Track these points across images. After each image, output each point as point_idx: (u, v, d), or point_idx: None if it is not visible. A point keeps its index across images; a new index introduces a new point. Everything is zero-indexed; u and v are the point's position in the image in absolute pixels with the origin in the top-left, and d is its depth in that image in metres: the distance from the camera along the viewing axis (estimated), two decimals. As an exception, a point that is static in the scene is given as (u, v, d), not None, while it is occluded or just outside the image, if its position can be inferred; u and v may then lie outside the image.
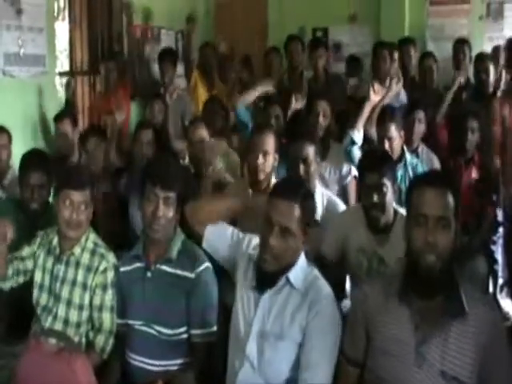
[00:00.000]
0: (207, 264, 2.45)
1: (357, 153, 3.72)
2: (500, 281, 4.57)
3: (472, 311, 1.88)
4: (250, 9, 6.73)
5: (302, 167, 3.09)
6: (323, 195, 3.18)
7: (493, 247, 4.42)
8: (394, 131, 3.60)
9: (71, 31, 5.40)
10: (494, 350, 1.87)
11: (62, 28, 5.48)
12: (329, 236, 2.94)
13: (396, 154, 3.57)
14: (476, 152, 4.13)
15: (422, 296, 1.92)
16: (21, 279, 2.70)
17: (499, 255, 4.50)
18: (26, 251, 2.70)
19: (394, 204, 2.81)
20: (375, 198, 2.69)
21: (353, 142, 3.75)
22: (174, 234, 2.51)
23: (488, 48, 5.56)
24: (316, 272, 2.23)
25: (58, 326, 2.57)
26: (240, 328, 2.21)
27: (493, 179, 4.10)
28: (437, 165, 4.00)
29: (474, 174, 4.01)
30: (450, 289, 1.90)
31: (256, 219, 2.32)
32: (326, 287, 2.18)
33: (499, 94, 4.61)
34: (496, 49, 5.37)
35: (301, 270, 2.18)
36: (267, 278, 2.17)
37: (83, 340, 2.58)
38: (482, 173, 4.08)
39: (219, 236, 2.40)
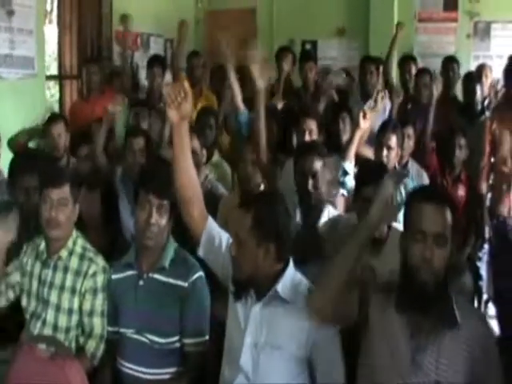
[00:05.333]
0: (200, 273, 2.44)
1: (351, 183, 3.70)
2: (484, 297, 4.63)
3: (464, 323, 1.91)
4: (240, 20, 6.76)
5: (310, 182, 3.02)
6: (330, 213, 3.15)
7: (478, 263, 4.48)
8: (394, 142, 3.62)
9: (60, 35, 5.37)
10: (485, 362, 1.90)
11: (50, 31, 5.46)
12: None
13: (391, 166, 3.57)
14: (463, 169, 4.19)
15: (417, 309, 1.93)
16: (11, 294, 2.66)
17: (484, 271, 4.55)
18: (12, 266, 2.66)
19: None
20: None
21: (345, 173, 3.73)
22: (167, 242, 2.50)
23: (474, 66, 5.64)
24: (305, 282, 2.21)
25: (47, 332, 2.53)
26: (233, 339, 2.20)
27: (479, 197, 4.15)
28: (426, 180, 4.02)
29: (461, 191, 4.05)
30: (443, 302, 1.92)
31: None
32: None
33: (488, 113, 4.66)
34: (481, 67, 5.44)
35: (289, 281, 2.16)
36: (240, 285, 2.17)
37: (73, 345, 2.55)
38: (469, 190, 4.13)
39: (214, 244, 2.38)
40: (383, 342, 1.95)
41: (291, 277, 2.17)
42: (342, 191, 3.70)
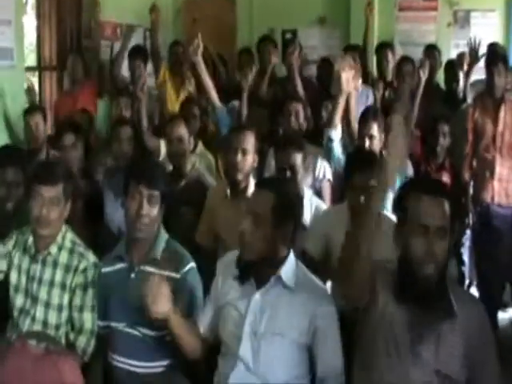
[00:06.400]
0: (192, 264, 2.43)
1: (337, 150, 3.71)
2: (466, 282, 4.70)
3: (461, 312, 1.92)
4: (219, 8, 6.71)
5: (288, 175, 3.06)
6: (311, 202, 3.17)
7: (461, 249, 4.54)
8: (376, 130, 3.62)
9: (39, 26, 5.29)
10: (482, 349, 1.93)
11: (29, 22, 5.37)
12: (312, 234, 2.93)
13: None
14: (447, 156, 4.23)
15: (418, 302, 1.94)
16: None
17: (466, 257, 4.61)
18: None
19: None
20: (362, 199, 2.68)
21: (330, 140, 3.73)
22: (158, 233, 2.47)
23: (454, 55, 5.67)
24: (305, 269, 2.23)
25: (37, 328, 2.49)
26: (230, 332, 2.19)
27: (463, 184, 4.20)
28: (411, 168, 4.05)
29: (445, 178, 4.09)
30: (441, 292, 1.94)
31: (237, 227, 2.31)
32: (321, 285, 2.21)
33: (469, 100, 4.70)
34: (461, 55, 5.48)
35: (291, 267, 2.17)
36: (246, 268, 2.17)
37: (63, 342, 2.51)
38: (453, 177, 4.17)
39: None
40: (380, 330, 1.96)
41: (293, 263, 2.19)
42: (328, 176, 3.71)
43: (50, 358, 2.11)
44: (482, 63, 4.67)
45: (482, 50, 4.94)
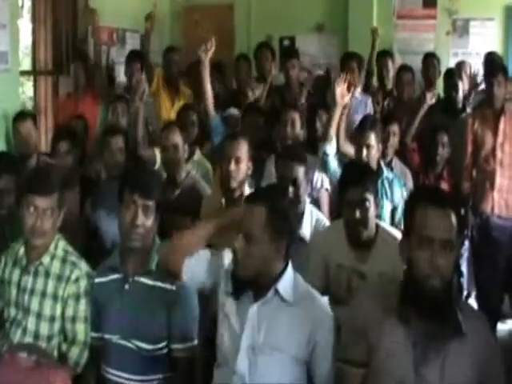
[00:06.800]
0: (188, 275, 2.36)
1: (333, 163, 3.68)
2: (464, 293, 4.65)
3: (468, 329, 1.86)
4: (217, 15, 6.67)
5: (290, 189, 2.99)
6: (312, 214, 3.12)
7: (459, 260, 4.49)
8: (373, 140, 3.59)
9: (34, 30, 5.24)
10: (489, 365, 1.88)
11: (24, 26, 5.31)
12: (313, 262, 2.81)
13: (373, 165, 3.54)
14: (446, 167, 4.20)
15: (422, 317, 1.88)
16: None
17: (464, 268, 4.57)
18: None
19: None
20: (358, 213, 2.63)
21: (325, 154, 3.70)
22: (153, 243, 2.41)
23: (453, 63, 5.65)
24: (303, 282, 2.17)
25: (28, 340, 2.43)
26: (226, 344, 2.14)
27: (462, 195, 4.16)
28: (410, 178, 4.02)
29: (444, 188, 4.05)
30: (447, 308, 1.88)
31: (229, 233, 2.27)
32: (319, 297, 2.16)
33: (469, 109, 4.67)
34: (460, 64, 5.47)
35: (289, 281, 2.12)
36: (240, 284, 2.11)
37: (55, 353, 2.45)
38: (452, 188, 4.14)
39: (196, 265, 2.28)
40: (382, 351, 1.91)
41: (291, 276, 2.13)
42: (326, 186, 3.67)
43: (41, 370, 2.05)
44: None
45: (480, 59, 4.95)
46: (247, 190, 3.05)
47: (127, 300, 2.35)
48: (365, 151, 3.57)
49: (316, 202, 3.76)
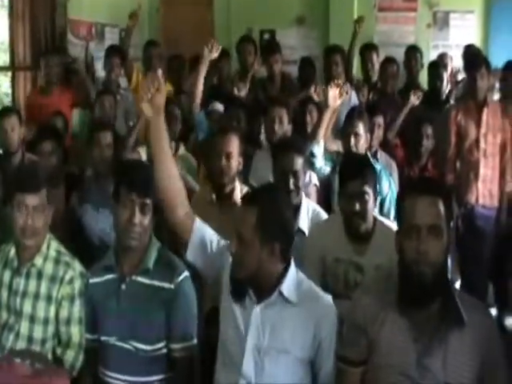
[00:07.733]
0: (186, 273, 2.33)
1: (319, 163, 3.66)
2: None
3: (469, 318, 1.88)
4: (197, 8, 6.62)
5: (291, 180, 2.99)
6: (308, 207, 3.11)
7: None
8: (361, 129, 3.58)
9: (12, 25, 5.14)
10: (492, 355, 1.89)
11: (1, 21, 5.21)
12: (309, 255, 2.80)
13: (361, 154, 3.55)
14: (430, 158, 4.23)
15: (418, 305, 1.89)
16: None
17: (449, 258, 4.61)
18: None
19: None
20: (357, 206, 2.62)
21: (312, 154, 3.69)
22: (150, 242, 2.37)
23: (433, 56, 5.69)
24: (306, 280, 2.15)
25: (21, 345, 2.39)
26: (229, 342, 2.12)
27: (446, 185, 4.19)
28: (395, 169, 4.04)
29: (428, 181, 4.08)
30: (445, 297, 1.89)
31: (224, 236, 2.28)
32: (325, 296, 2.14)
33: (452, 101, 4.71)
34: (442, 56, 5.50)
35: (292, 281, 2.10)
36: (239, 286, 2.10)
37: (49, 357, 2.40)
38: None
39: (204, 247, 2.28)
40: (383, 344, 1.91)
41: (294, 276, 2.11)
42: (314, 181, 3.67)
43: (42, 378, 1.99)
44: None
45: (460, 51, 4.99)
46: (238, 186, 3.04)
47: (124, 300, 2.32)
48: (353, 140, 3.57)
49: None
